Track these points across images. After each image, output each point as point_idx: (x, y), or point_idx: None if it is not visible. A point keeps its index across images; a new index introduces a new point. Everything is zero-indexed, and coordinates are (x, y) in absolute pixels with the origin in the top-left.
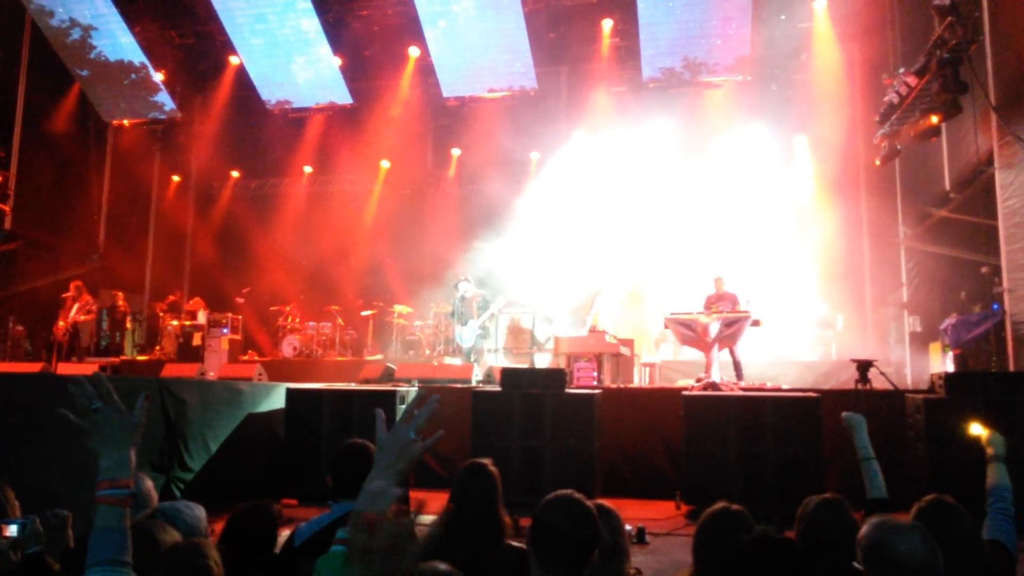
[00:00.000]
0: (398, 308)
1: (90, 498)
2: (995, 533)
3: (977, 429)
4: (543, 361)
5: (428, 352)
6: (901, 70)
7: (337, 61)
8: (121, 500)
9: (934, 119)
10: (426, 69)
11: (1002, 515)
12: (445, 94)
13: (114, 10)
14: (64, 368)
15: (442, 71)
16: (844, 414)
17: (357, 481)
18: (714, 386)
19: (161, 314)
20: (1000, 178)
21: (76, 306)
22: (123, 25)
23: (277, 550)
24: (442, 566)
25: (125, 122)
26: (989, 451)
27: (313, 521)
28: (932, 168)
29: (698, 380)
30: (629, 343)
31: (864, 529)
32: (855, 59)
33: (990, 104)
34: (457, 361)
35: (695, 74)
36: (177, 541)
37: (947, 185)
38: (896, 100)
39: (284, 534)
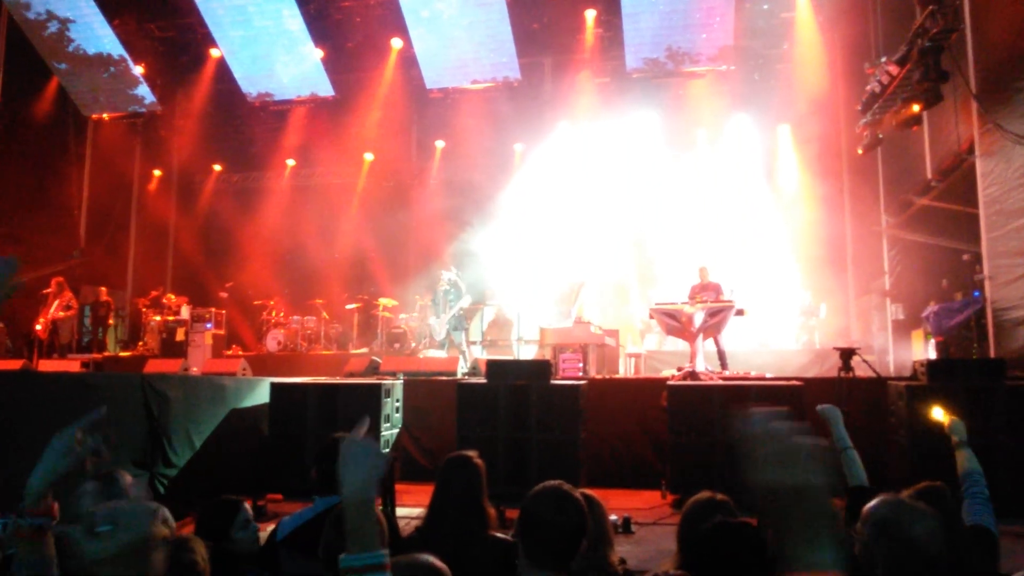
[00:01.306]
0: (383, 301)
1: (73, 497)
2: (976, 518)
3: (939, 414)
4: (528, 352)
5: (414, 345)
6: (883, 59)
7: (319, 53)
8: (25, 532)
9: (915, 108)
10: (409, 61)
11: (979, 499)
12: (428, 86)
13: (91, 3)
14: (45, 365)
15: (425, 62)
16: (819, 407)
17: None
18: (694, 375)
19: (144, 309)
20: (981, 166)
21: (56, 302)
22: (101, 18)
23: (260, 544)
24: (426, 557)
25: (105, 116)
26: (953, 439)
27: (296, 515)
28: (914, 157)
29: (679, 369)
30: (614, 334)
31: (875, 504)
32: (837, 48)
33: (971, 92)
34: (442, 353)
35: (678, 64)
36: (165, 535)
37: (928, 173)
38: (878, 89)
39: (268, 528)
